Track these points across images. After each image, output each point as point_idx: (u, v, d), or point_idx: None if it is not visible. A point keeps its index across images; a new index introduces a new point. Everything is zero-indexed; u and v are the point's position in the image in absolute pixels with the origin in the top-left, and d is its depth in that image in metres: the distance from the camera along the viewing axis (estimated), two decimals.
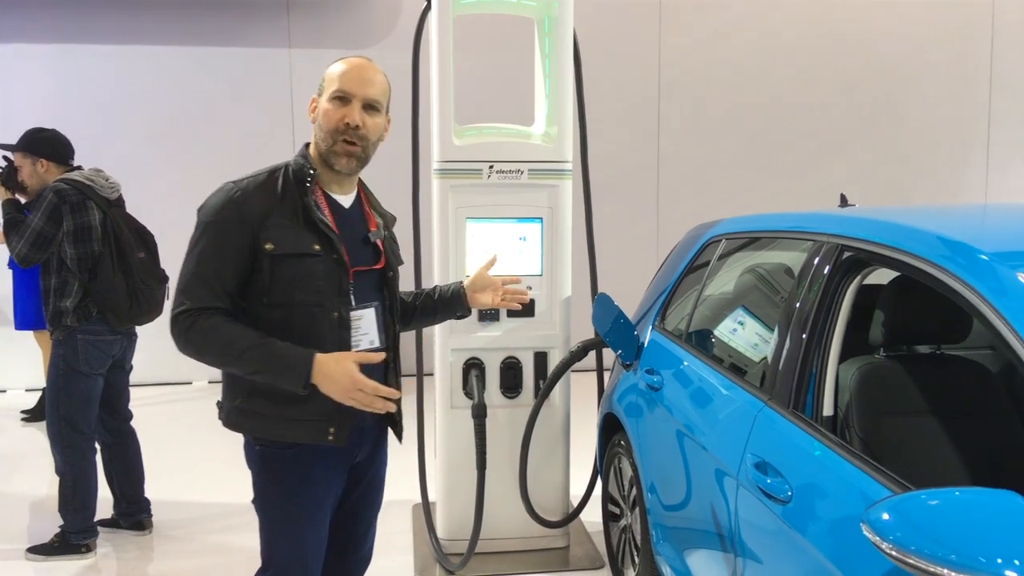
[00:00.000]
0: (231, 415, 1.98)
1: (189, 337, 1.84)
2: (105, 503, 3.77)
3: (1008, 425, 1.96)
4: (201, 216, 1.92)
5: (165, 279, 3.69)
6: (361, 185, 2.14)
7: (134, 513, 3.79)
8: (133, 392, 3.87)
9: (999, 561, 1.14)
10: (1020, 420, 1.98)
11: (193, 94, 6.65)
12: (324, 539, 2.05)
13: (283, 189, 1.93)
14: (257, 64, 6.68)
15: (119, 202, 3.64)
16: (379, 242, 2.09)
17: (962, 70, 7.40)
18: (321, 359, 1.80)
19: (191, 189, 6.53)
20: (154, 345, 6.64)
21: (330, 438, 1.93)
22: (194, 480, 4.49)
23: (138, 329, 3.71)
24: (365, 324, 2.02)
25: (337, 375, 1.80)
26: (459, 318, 2.45)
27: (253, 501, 2.03)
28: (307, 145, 2.04)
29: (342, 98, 1.93)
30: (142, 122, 6.62)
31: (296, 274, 1.89)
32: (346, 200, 2.06)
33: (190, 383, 6.72)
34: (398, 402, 2.04)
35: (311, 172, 1.96)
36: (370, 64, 1.98)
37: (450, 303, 2.38)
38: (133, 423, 3.82)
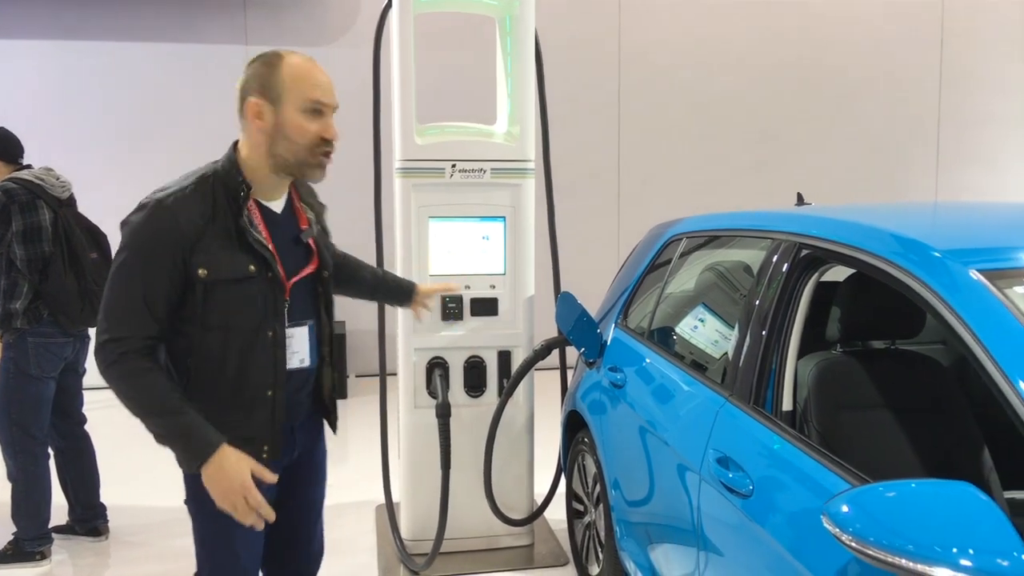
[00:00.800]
0: None
1: (110, 373, 1.72)
2: (59, 509, 3.68)
3: (960, 417, 2.01)
4: (126, 237, 1.76)
5: None
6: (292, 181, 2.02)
7: (90, 519, 3.71)
8: (87, 395, 3.78)
9: (954, 551, 1.18)
10: (971, 412, 2.03)
11: (148, 90, 6.52)
12: (259, 542, 1.99)
13: (214, 205, 1.79)
14: (214, 61, 6.58)
15: (70, 201, 3.55)
16: (311, 241, 1.98)
17: (912, 74, 7.60)
18: (223, 454, 1.72)
19: (146, 188, 6.46)
20: None
21: (264, 456, 1.86)
22: (151, 484, 4.39)
23: (92, 331, 3.63)
24: (297, 342, 1.93)
25: (232, 474, 1.72)
26: (389, 305, 2.55)
27: (186, 502, 1.94)
28: (234, 147, 1.88)
29: (317, 110, 1.82)
30: (95, 119, 6.48)
31: (232, 298, 1.79)
32: (278, 204, 1.93)
33: None
34: (332, 392, 2.07)
35: (245, 186, 1.82)
36: (322, 68, 1.88)
37: (395, 293, 2.54)
38: (87, 427, 3.74)
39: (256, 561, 2.00)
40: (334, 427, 2.14)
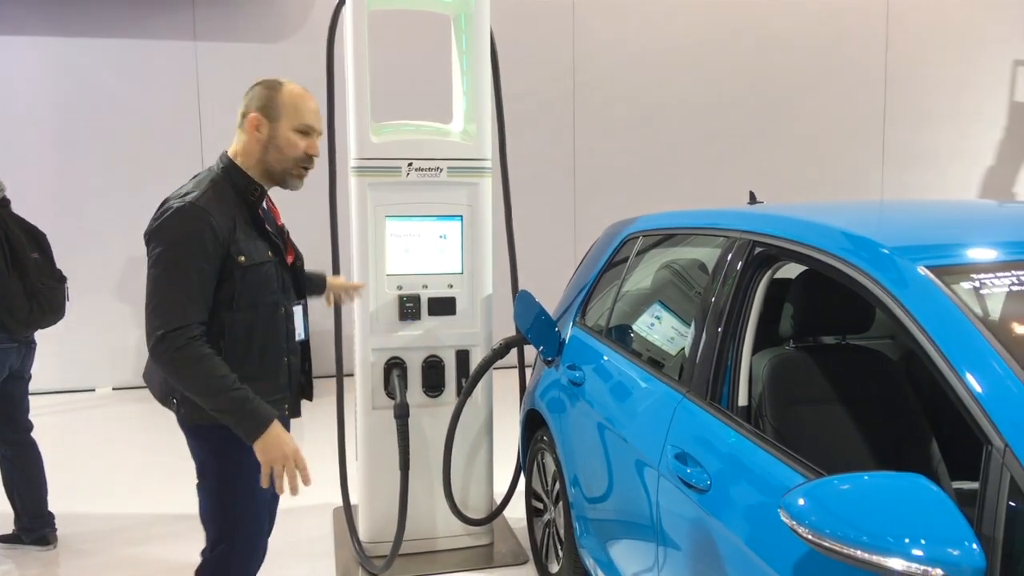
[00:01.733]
0: (195, 410, 2.07)
1: (176, 357, 1.94)
2: (6, 518, 3.58)
3: (908, 410, 2.07)
4: (169, 236, 2.00)
5: (63, 279, 3.53)
6: None
7: (37, 528, 3.60)
8: (33, 401, 3.67)
9: (907, 541, 1.21)
10: (920, 405, 2.09)
11: (93, 87, 6.35)
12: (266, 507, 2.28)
13: (235, 203, 2.13)
14: (161, 57, 6.43)
15: (5, 202, 3.44)
16: (286, 235, 2.35)
17: (859, 73, 7.78)
18: (277, 425, 1.99)
19: (90, 184, 6.33)
20: (54, 351, 6.35)
21: (287, 413, 2.24)
22: (101, 491, 4.30)
23: (41, 336, 3.53)
24: (296, 318, 2.29)
25: (286, 439, 1.99)
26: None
27: (199, 486, 2.17)
28: (229, 155, 2.19)
29: (307, 132, 2.19)
30: (37, 116, 6.29)
31: (261, 280, 2.13)
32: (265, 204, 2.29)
33: (93, 390, 6.43)
34: (308, 366, 2.40)
35: (258, 188, 2.18)
36: (314, 97, 2.25)
37: (312, 284, 2.65)
38: (34, 434, 3.63)
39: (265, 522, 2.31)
40: (310, 396, 2.42)
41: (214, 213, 2.03)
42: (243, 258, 2.07)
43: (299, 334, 2.30)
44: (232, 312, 2.07)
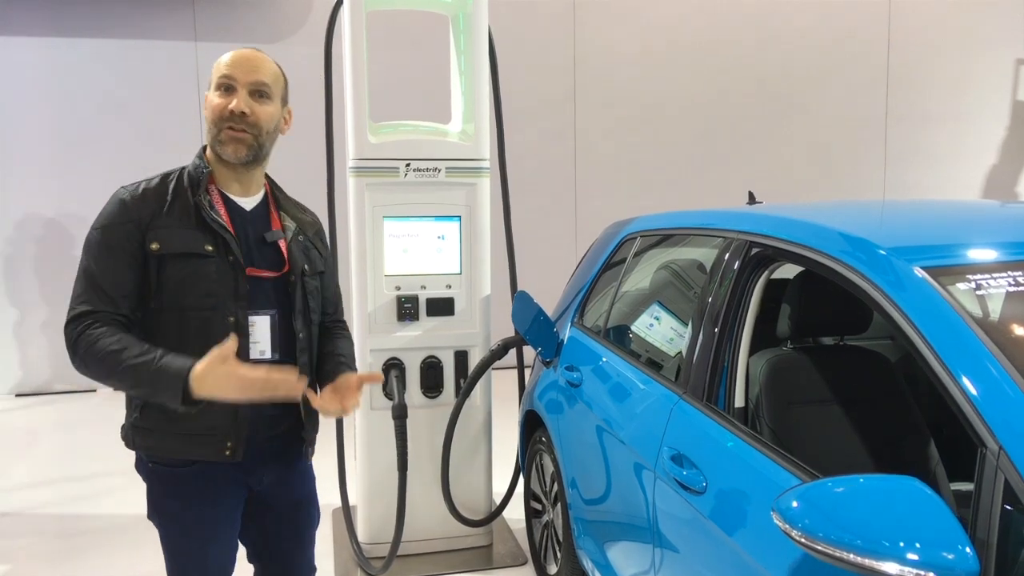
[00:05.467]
0: (127, 432, 1.89)
1: (77, 345, 1.72)
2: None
3: (907, 412, 2.06)
4: (93, 223, 1.83)
5: None
6: (271, 187, 2.03)
7: None
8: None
9: (901, 544, 1.20)
10: (918, 407, 2.08)
11: (93, 87, 6.36)
12: (230, 559, 1.98)
13: (175, 190, 1.85)
14: (161, 58, 6.44)
15: None
16: (281, 244, 1.95)
17: (861, 72, 7.76)
18: (200, 368, 1.63)
19: (92, 184, 6.33)
20: (56, 351, 6.36)
21: (227, 453, 1.84)
22: (101, 492, 4.30)
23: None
24: (258, 332, 1.88)
25: (222, 379, 1.63)
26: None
27: (149, 517, 1.94)
28: (204, 148, 1.93)
29: (227, 86, 1.83)
30: (37, 117, 6.29)
31: (186, 276, 1.80)
32: (248, 202, 1.94)
33: (94, 391, 6.44)
34: (307, 415, 1.98)
35: (205, 169, 1.88)
36: (258, 52, 1.89)
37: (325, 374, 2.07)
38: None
39: (227, 572, 1.99)
40: (304, 452, 2.07)
41: (139, 199, 1.81)
42: (156, 245, 1.78)
43: (261, 351, 1.88)
44: (156, 312, 1.80)
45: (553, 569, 3.10)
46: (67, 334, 1.75)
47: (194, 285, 1.80)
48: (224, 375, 1.63)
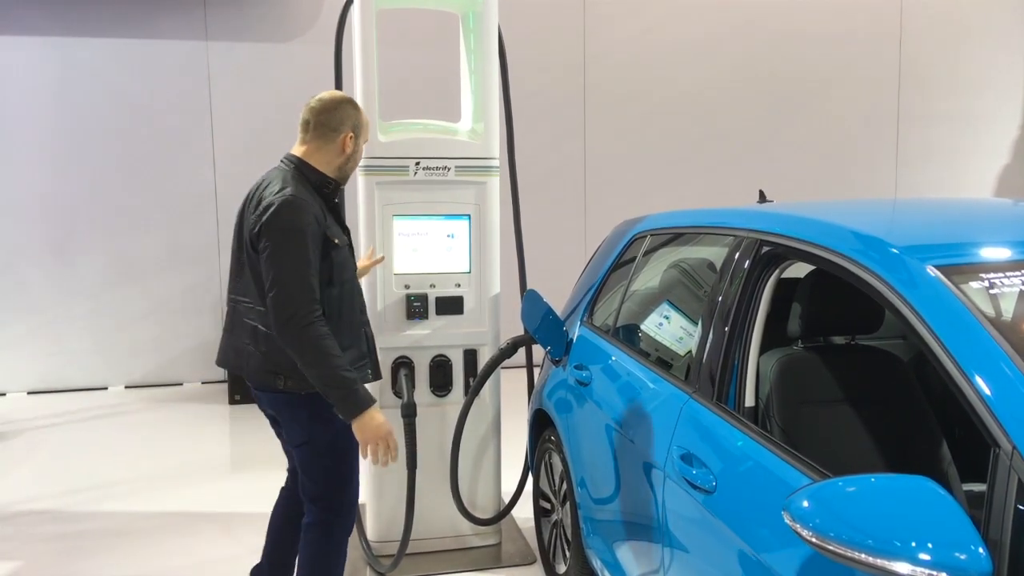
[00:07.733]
0: (303, 382, 2.33)
1: (303, 336, 2.24)
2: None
3: (919, 411, 2.04)
4: (284, 227, 2.29)
5: None
6: None
7: None
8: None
9: (913, 544, 1.18)
10: (930, 406, 2.06)
11: (104, 87, 6.39)
12: None
13: (314, 194, 2.43)
14: (172, 57, 6.47)
15: None
16: None
17: (873, 72, 7.72)
18: (376, 408, 2.33)
19: (102, 183, 6.36)
20: (65, 349, 6.39)
21: (369, 376, 2.55)
22: (106, 491, 4.31)
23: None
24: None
25: (382, 421, 2.33)
26: None
27: (303, 452, 2.46)
28: (299, 156, 2.47)
29: None
30: (48, 116, 6.33)
31: (345, 260, 2.48)
32: None
33: (106, 388, 6.46)
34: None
35: (332, 182, 2.51)
36: None
37: None
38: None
39: None
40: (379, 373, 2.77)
41: (311, 202, 2.35)
42: (337, 240, 2.42)
43: (360, 310, 2.61)
44: (329, 289, 2.37)
45: (562, 568, 3.10)
46: (294, 323, 2.23)
47: (346, 266, 2.48)
48: (385, 425, 2.34)
